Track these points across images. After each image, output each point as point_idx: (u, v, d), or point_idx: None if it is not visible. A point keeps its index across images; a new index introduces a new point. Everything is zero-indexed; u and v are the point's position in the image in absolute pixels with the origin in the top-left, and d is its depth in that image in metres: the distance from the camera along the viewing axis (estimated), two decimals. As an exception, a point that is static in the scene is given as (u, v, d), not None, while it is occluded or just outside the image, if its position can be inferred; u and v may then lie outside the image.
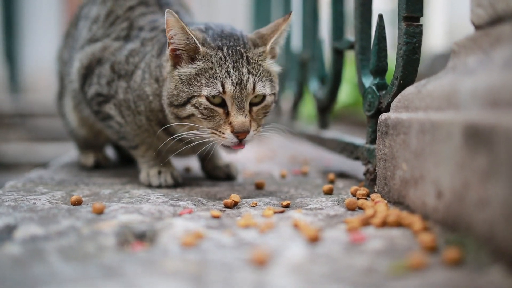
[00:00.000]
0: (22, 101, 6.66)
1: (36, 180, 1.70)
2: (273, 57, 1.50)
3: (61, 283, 0.79)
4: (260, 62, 1.43)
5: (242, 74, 1.38)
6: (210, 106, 1.37)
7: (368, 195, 1.38)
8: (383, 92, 1.46)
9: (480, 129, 0.89)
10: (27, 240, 1.00)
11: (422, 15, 1.34)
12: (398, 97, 1.32)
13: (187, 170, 2.01)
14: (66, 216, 1.17)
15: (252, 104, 1.41)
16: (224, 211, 1.28)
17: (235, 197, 1.35)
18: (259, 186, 1.61)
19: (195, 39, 1.37)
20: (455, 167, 0.96)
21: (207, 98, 1.36)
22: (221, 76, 1.36)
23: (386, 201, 1.27)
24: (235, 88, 1.36)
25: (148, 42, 1.59)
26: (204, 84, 1.37)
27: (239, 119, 1.36)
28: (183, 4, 1.86)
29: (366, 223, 1.11)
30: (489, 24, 1.07)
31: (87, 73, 1.67)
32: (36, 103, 6.41)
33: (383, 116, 1.34)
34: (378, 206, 1.19)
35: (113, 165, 2.08)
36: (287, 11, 2.80)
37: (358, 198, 1.36)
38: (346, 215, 1.21)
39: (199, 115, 1.38)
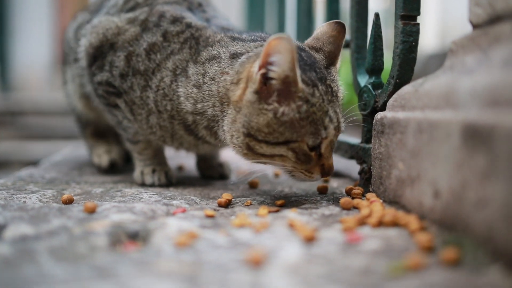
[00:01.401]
0: (13, 99, 6.60)
1: (26, 178, 1.67)
2: None
3: (51, 285, 0.77)
4: (340, 95, 1.32)
5: (338, 115, 1.28)
6: (308, 152, 1.26)
7: (363, 195, 1.37)
8: (379, 91, 1.44)
9: (480, 129, 0.88)
10: (17, 240, 0.97)
11: (419, 14, 1.33)
12: (395, 96, 1.31)
13: (180, 168, 1.99)
14: (57, 215, 1.15)
15: None
16: (218, 210, 1.27)
17: (227, 195, 1.33)
18: (252, 185, 1.59)
19: (298, 75, 1.20)
20: (453, 166, 0.95)
21: (307, 144, 1.25)
22: (324, 121, 1.24)
23: (381, 201, 1.26)
24: (335, 132, 1.28)
25: (174, 38, 1.46)
26: (309, 132, 1.23)
27: (330, 161, 1.30)
28: None
29: (362, 222, 1.10)
30: (488, 23, 1.06)
31: (97, 55, 1.55)
32: (27, 101, 6.36)
33: (379, 115, 1.33)
34: (374, 206, 1.18)
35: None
36: (282, 11, 2.79)
37: (353, 198, 1.35)
38: (342, 214, 1.20)
39: (293, 159, 1.26)
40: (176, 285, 0.77)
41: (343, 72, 1.99)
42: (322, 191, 1.48)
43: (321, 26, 1.42)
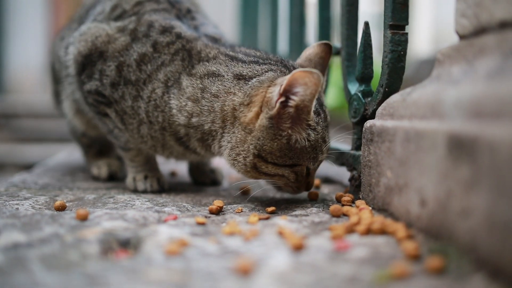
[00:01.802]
0: (7, 101, 6.59)
1: (19, 184, 1.68)
2: None
3: (43, 293, 0.78)
4: (328, 115, 1.42)
5: (329, 139, 1.39)
6: (305, 173, 1.37)
7: (353, 202, 1.39)
8: (369, 99, 1.46)
9: (464, 140, 0.90)
10: (9, 248, 0.98)
11: (407, 24, 1.35)
12: (384, 104, 1.33)
13: (173, 174, 2.00)
14: (50, 222, 1.16)
15: None
16: (209, 217, 1.28)
17: (218, 202, 1.35)
18: (244, 192, 1.61)
19: (313, 104, 1.30)
20: (438, 176, 0.97)
21: (307, 167, 1.37)
22: (322, 147, 1.36)
23: (370, 208, 1.28)
24: (326, 155, 1.40)
25: (164, 49, 1.47)
26: (311, 157, 1.35)
27: (314, 179, 1.43)
28: (193, 2, 1.74)
29: (350, 230, 1.11)
30: (473, 34, 1.08)
31: (86, 63, 1.54)
32: (21, 103, 6.35)
33: (368, 123, 1.35)
34: (363, 213, 1.20)
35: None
36: (275, 16, 2.81)
37: (343, 205, 1.36)
38: (331, 222, 1.22)
39: (293, 179, 1.37)
40: (166, 293, 0.78)
41: (335, 76, 2.02)
42: (313, 197, 1.50)
43: (312, 46, 1.50)
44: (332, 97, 3.83)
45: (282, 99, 1.28)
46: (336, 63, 2.05)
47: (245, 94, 1.37)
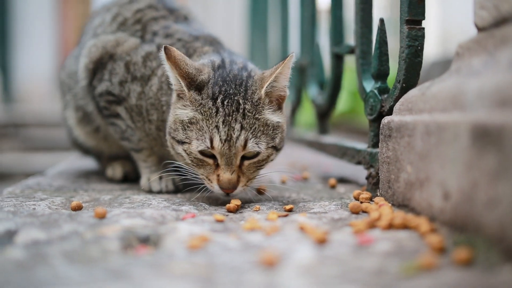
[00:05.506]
0: (16, 111, 6.63)
1: (34, 186, 1.68)
2: (279, 100, 1.40)
3: (67, 286, 0.78)
4: (257, 115, 1.33)
5: (233, 130, 1.30)
6: (199, 156, 1.33)
7: (371, 199, 1.38)
8: (385, 95, 1.45)
9: (489, 129, 0.88)
10: (29, 245, 0.98)
11: (424, 19, 1.35)
12: (401, 100, 1.32)
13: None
14: (68, 221, 1.16)
15: (244, 158, 1.34)
16: (227, 215, 1.27)
17: (236, 201, 1.34)
18: (260, 192, 1.60)
19: (182, 83, 1.33)
20: (462, 167, 0.96)
21: (196, 148, 1.32)
22: (210, 130, 1.30)
23: (390, 204, 1.27)
24: (223, 145, 1.29)
25: None
26: (194, 137, 1.32)
27: (225, 175, 1.32)
28: (190, 11, 1.80)
29: (372, 226, 1.10)
30: (493, 25, 1.07)
31: (97, 68, 1.61)
32: (30, 113, 6.39)
33: (386, 119, 1.34)
34: (383, 209, 1.18)
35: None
36: (285, 17, 2.81)
37: (361, 202, 1.35)
38: (351, 218, 1.21)
39: (189, 161, 1.35)
40: (192, 286, 0.77)
41: (345, 81, 2.00)
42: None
43: None
44: (342, 102, 3.83)
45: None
46: (348, 65, 2.04)
47: None
